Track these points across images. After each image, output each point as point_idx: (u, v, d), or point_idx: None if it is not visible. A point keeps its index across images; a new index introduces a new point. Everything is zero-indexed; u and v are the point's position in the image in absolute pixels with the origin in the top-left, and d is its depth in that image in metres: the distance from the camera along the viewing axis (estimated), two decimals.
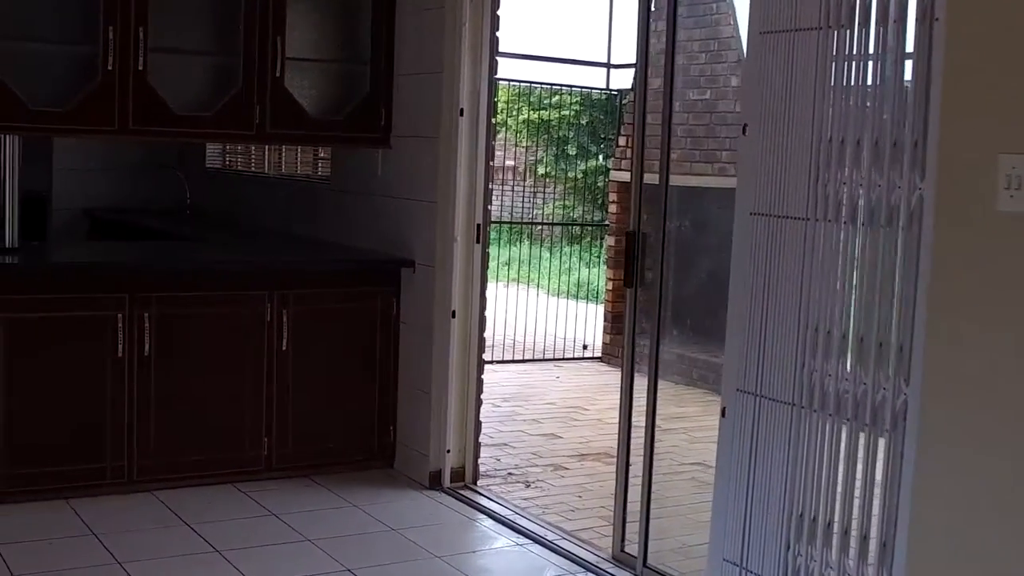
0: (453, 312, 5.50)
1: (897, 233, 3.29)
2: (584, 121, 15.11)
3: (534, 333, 10.12)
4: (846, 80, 3.42)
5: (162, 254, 6.07)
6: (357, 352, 5.71)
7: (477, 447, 5.68)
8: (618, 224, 9.63)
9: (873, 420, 3.37)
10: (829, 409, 3.48)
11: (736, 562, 3.79)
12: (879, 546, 3.35)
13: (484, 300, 5.57)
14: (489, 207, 5.53)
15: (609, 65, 10.70)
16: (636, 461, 4.62)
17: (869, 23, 3.35)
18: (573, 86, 11.69)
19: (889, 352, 3.32)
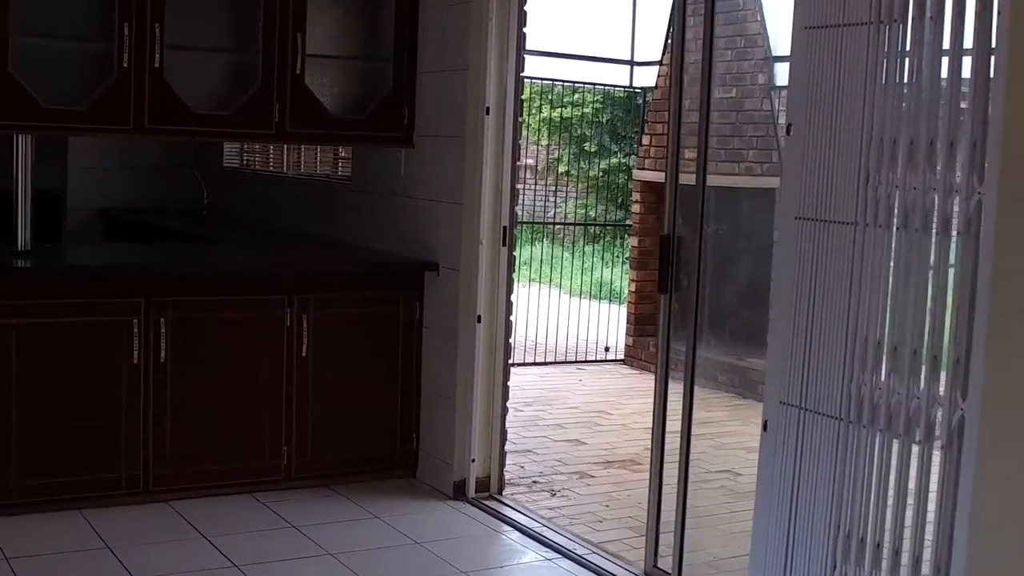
0: (479, 317, 5.37)
1: (953, 239, 3.14)
2: (604, 119, 15.00)
3: (555, 334, 10.03)
4: (899, 77, 3.26)
5: (178, 256, 5.97)
6: (379, 358, 5.58)
7: (503, 456, 5.55)
8: (642, 225, 9.53)
9: (927, 436, 3.22)
10: (879, 424, 3.34)
11: None
12: (932, 570, 3.21)
13: (510, 304, 5.44)
14: (515, 208, 5.40)
15: (632, 63, 10.58)
16: (666, 470, 4.49)
17: (924, 17, 3.19)
18: (595, 83, 11.56)
19: (944, 365, 3.17)
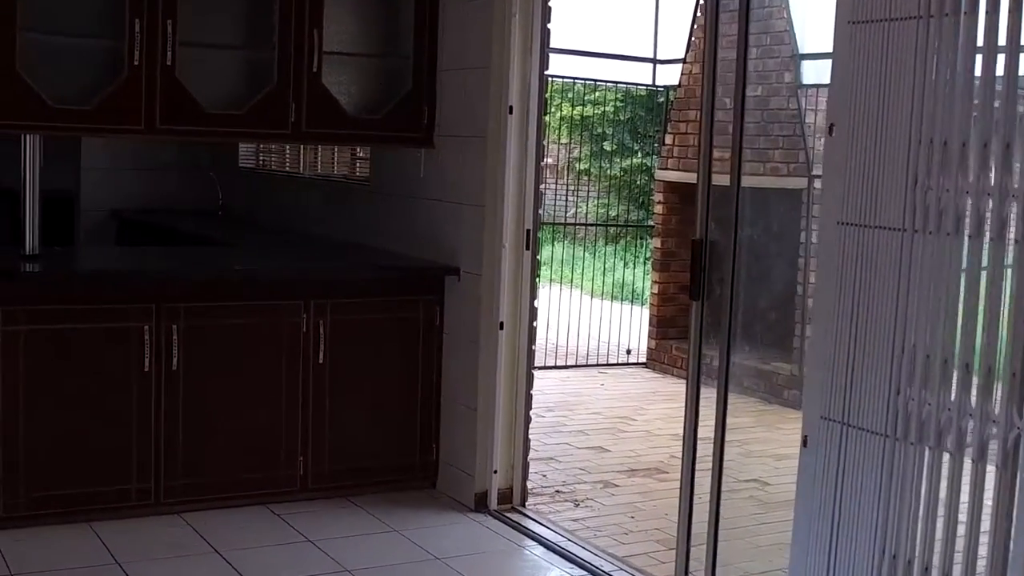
0: (501, 323, 5.21)
1: (1011, 246, 2.98)
2: (624, 117, 14.84)
3: (576, 337, 9.88)
4: (950, 75, 3.09)
5: (191, 261, 5.85)
6: (398, 365, 5.44)
7: (526, 466, 5.40)
8: (664, 226, 9.37)
9: (980, 455, 3.06)
10: (928, 442, 3.17)
11: None
12: None
13: (534, 311, 5.29)
14: (539, 211, 5.24)
15: (655, 60, 10.41)
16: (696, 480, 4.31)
17: (977, 11, 3.02)
18: (617, 82, 11.40)
19: (1000, 380, 3.00)
